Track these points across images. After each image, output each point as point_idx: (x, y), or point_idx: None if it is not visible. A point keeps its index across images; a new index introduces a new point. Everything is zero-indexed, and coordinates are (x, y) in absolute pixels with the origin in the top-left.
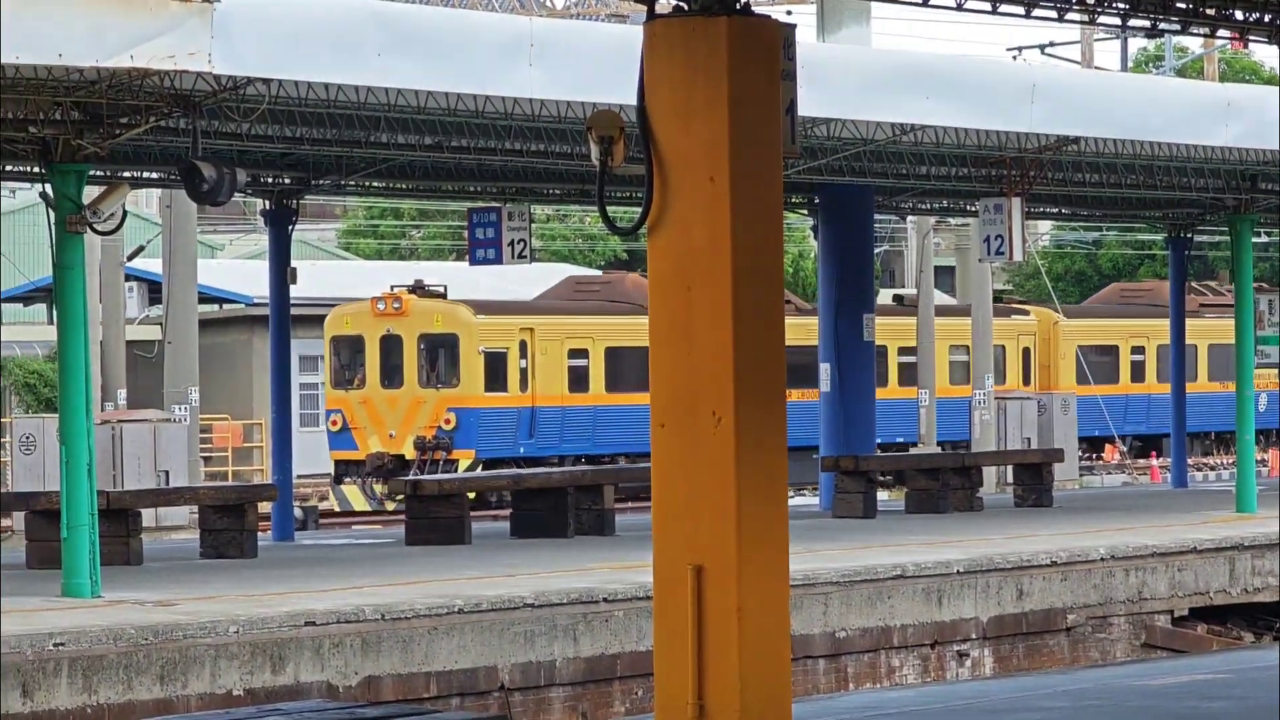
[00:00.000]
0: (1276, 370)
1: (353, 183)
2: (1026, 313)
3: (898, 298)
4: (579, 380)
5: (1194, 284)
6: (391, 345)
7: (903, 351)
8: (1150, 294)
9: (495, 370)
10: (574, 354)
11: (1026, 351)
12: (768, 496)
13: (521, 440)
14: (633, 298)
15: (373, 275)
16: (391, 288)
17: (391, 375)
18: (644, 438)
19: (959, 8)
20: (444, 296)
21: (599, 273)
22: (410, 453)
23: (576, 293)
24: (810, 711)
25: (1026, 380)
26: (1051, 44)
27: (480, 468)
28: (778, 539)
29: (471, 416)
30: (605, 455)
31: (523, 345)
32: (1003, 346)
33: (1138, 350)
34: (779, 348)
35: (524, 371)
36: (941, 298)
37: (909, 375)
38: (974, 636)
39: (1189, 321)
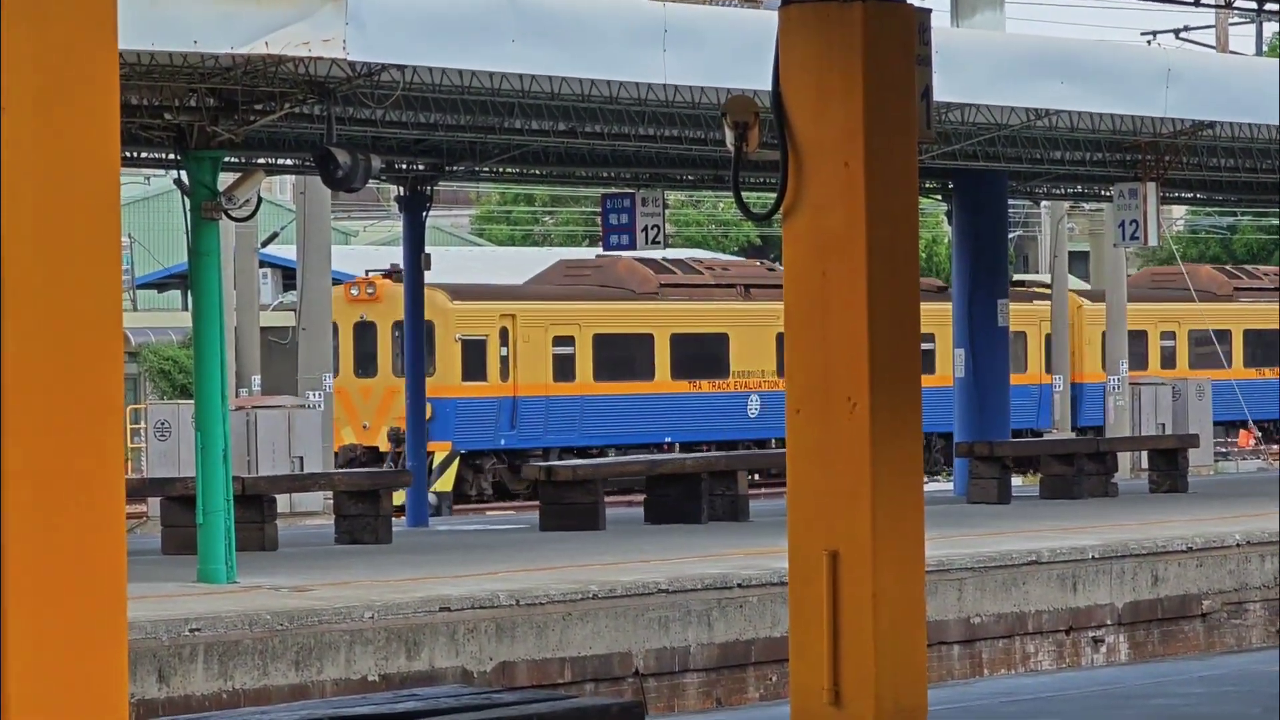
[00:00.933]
0: None
1: (486, 169)
2: (1049, 297)
3: (1016, 282)
4: (565, 369)
5: (1229, 266)
6: (365, 333)
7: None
8: (1180, 278)
9: (474, 358)
10: (559, 341)
11: (1049, 338)
12: (903, 482)
13: (503, 432)
14: (625, 282)
15: (505, 261)
16: (366, 272)
17: (365, 364)
18: (634, 429)
19: None
20: None
21: (594, 255)
22: (384, 445)
23: (566, 277)
24: (945, 698)
25: (1049, 368)
26: (1186, 28)
27: (458, 461)
28: (913, 524)
29: (449, 407)
30: (593, 447)
31: (504, 332)
32: (1024, 333)
33: (1168, 335)
34: (914, 333)
35: (505, 360)
36: (1075, 283)
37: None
38: (1109, 623)
39: (1222, 306)
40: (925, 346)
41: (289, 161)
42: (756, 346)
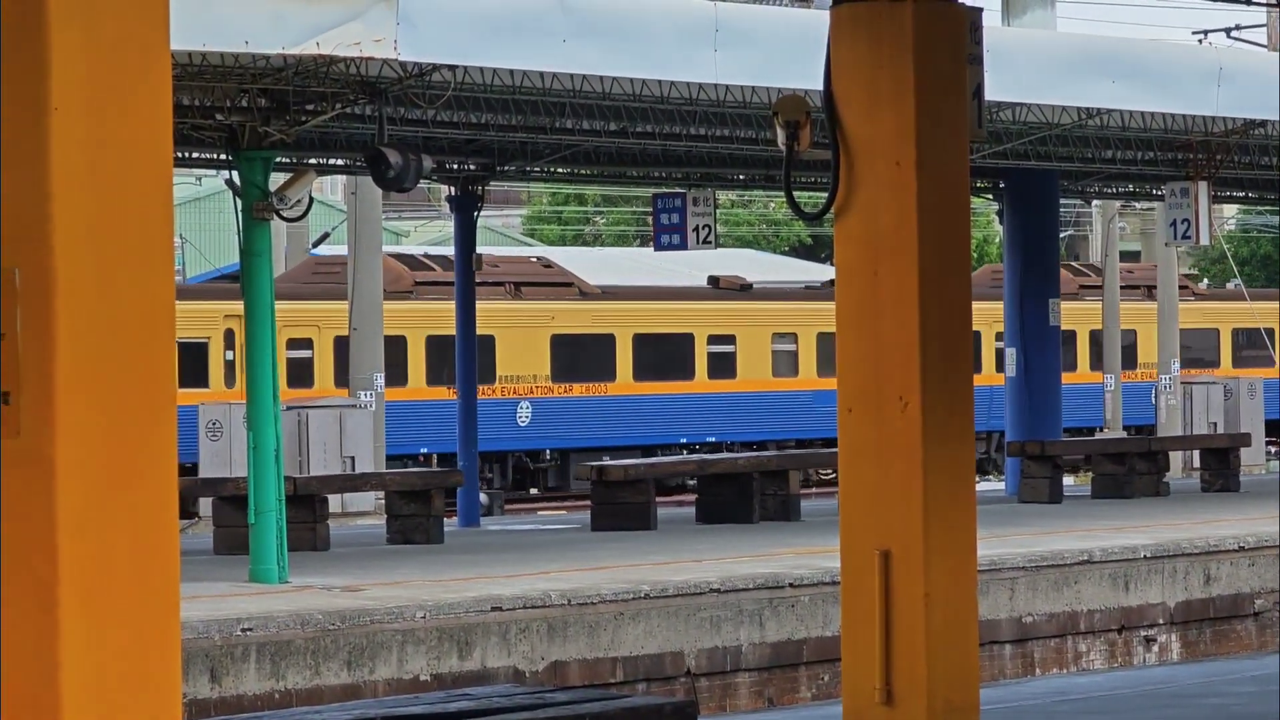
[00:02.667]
0: None
1: (537, 169)
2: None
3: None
4: (302, 375)
5: (1072, 264)
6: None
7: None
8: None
9: (194, 364)
10: (295, 344)
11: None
12: (955, 481)
13: None
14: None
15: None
16: None
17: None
18: (393, 439)
19: None
20: None
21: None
22: None
23: (315, 275)
24: (997, 697)
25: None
26: (1238, 27)
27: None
28: (965, 524)
29: None
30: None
31: (228, 335)
32: (978, 333)
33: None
34: (966, 332)
35: (230, 365)
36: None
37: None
38: (1161, 622)
39: (1067, 305)
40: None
41: (340, 161)
42: (528, 349)
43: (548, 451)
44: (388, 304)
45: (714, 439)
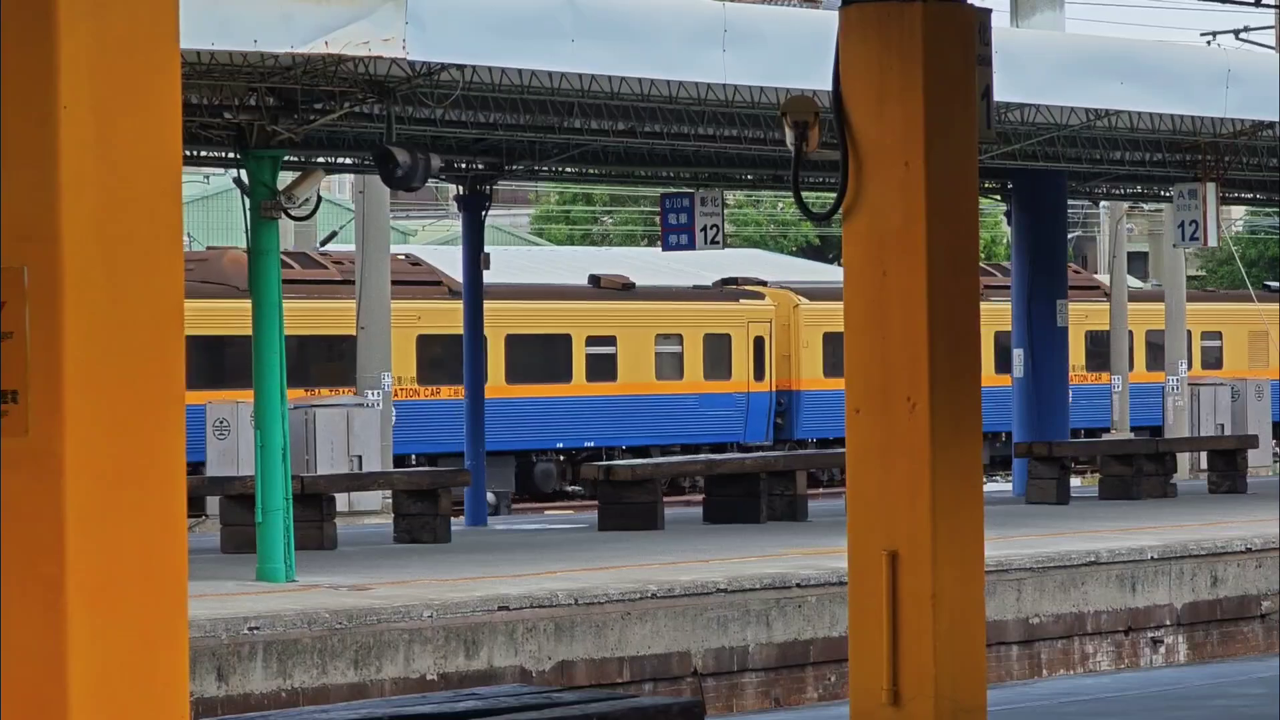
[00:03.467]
0: None
1: (545, 168)
2: (760, 296)
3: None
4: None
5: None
6: None
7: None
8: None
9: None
10: None
11: (759, 342)
12: (962, 482)
13: None
14: (230, 279)
15: (564, 261)
16: None
17: None
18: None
19: None
20: None
21: (204, 249)
22: None
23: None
24: (1004, 698)
25: (759, 376)
26: (1246, 29)
27: None
28: (972, 525)
29: None
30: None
31: None
32: (727, 336)
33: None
34: (974, 333)
35: None
36: (1133, 283)
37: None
38: (1168, 623)
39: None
40: None
41: (348, 160)
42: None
43: (413, 457)
44: (237, 302)
45: (592, 444)
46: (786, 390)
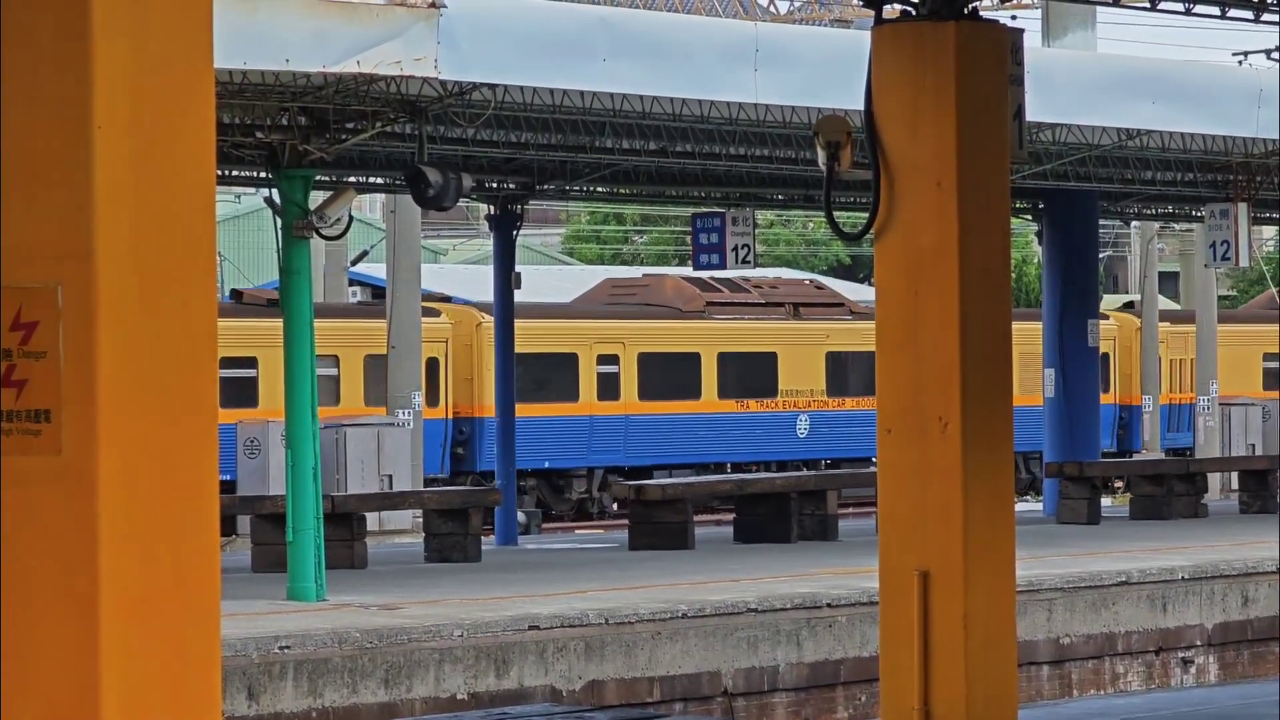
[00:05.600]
0: None
1: (577, 188)
2: (436, 313)
3: (1128, 304)
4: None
5: (710, 278)
6: None
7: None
8: (646, 291)
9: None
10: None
11: (433, 363)
12: (994, 502)
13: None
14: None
15: (595, 280)
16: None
17: None
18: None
19: (1187, 12)
20: None
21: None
22: None
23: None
24: (1035, 718)
25: (434, 402)
26: (1278, 49)
27: None
28: (1004, 545)
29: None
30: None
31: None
32: (431, 361)
33: (608, 360)
34: (1006, 353)
35: None
36: (1165, 303)
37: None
38: (1199, 643)
39: (692, 324)
40: None
41: (380, 180)
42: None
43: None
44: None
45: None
46: (468, 418)
